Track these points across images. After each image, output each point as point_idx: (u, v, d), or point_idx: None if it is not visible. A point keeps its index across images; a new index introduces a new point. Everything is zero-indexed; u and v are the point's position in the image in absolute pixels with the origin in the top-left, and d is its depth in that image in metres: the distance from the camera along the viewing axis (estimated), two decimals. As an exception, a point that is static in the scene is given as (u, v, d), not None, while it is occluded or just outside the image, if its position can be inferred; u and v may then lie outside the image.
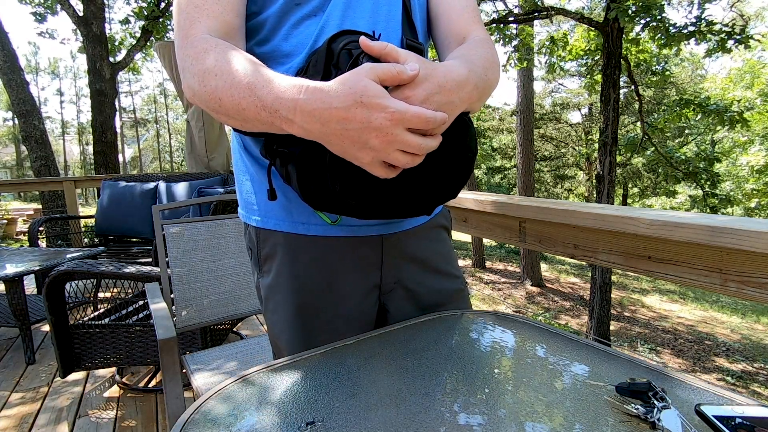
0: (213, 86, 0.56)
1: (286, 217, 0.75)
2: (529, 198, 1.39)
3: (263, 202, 0.76)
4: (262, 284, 0.80)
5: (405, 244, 0.80)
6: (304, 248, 0.75)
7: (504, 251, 17.35)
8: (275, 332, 0.79)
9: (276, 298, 0.77)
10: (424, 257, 0.82)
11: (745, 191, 15.24)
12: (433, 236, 0.85)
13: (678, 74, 18.81)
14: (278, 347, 0.80)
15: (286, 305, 0.76)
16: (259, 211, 0.77)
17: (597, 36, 8.27)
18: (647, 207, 4.80)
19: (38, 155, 6.17)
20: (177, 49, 0.64)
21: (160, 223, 1.44)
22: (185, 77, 0.61)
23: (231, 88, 0.55)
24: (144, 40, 7.67)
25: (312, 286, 0.75)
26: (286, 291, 0.76)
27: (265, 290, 0.79)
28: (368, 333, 0.71)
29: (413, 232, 0.81)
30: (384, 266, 0.79)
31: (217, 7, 0.64)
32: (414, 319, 0.77)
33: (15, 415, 1.96)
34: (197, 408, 0.51)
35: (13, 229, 11.13)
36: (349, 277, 0.76)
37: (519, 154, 12.26)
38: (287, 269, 0.75)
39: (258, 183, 0.77)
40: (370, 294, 0.79)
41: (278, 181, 0.73)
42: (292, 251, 0.75)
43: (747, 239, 0.78)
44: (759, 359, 8.18)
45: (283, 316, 0.77)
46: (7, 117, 35.28)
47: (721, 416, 0.45)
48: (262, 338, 1.58)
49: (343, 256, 0.75)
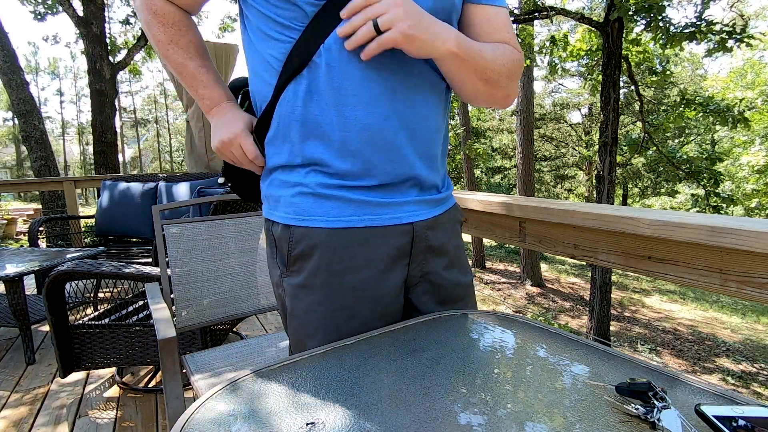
0: (167, 61, 0.83)
1: (323, 213, 0.74)
2: (529, 198, 1.39)
3: (297, 199, 0.75)
4: (288, 283, 0.78)
5: (429, 236, 0.80)
6: (343, 246, 0.74)
7: (504, 251, 17.35)
8: (304, 332, 0.77)
9: (309, 299, 0.76)
10: (447, 250, 0.84)
11: (745, 191, 15.23)
12: (453, 229, 0.87)
13: (678, 74, 18.81)
14: (303, 350, 0.76)
15: (322, 306, 0.75)
16: (292, 208, 0.76)
17: (597, 36, 8.27)
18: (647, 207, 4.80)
19: (38, 155, 6.17)
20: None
21: (160, 223, 1.44)
22: (144, 23, 0.82)
23: (180, 71, 0.83)
24: (144, 40, 7.67)
25: (352, 285, 0.75)
26: (323, 290, 0.75)
27: (292, 289, 0.78)
28: (368, 333, 0.71)
29: (436, 224, 0.82)
30: (411, 260, 0.79)
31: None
32: (414, 319, 0.77)
33: (15, 415, 1.96)
34: (197, 408, 0.51)
35: (13, 229, 11.13)
36: (386, 275, 0.77)
37: (519, 154, 12.25)
38: (325, 268, 0.75)
39: (290, 181, 0.76)
40: (401, 290, 0.80)
41: (313, 179, 0.74)
42: (331, 250, 0.74)
43: (747, 239, 0.78)
44: (759, 359, 8.18)
45: (317, 317, 0.76)
46: (7, 117, 35.29)
47: (721, 416, 0.45)
48: (262, 338, 1.58)
49: (378, 251, 0.75)
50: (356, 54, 0.68)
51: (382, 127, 0.71)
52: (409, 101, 0.73)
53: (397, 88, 0.72)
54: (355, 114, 0.70)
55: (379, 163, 0.73)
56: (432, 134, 0.78)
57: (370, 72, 0.70)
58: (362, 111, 0.70)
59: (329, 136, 0.72)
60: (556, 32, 9.24)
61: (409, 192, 0.78)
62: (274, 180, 0.79)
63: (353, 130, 0.71)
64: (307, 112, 0.72)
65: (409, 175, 0.76)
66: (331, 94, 0.70)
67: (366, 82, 0.70)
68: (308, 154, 0.74)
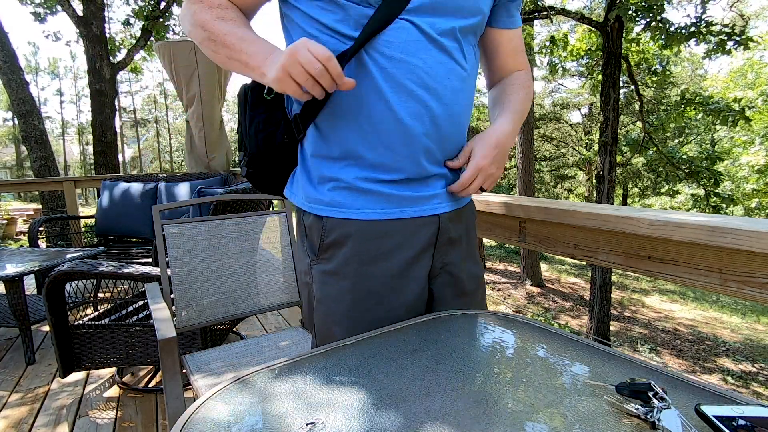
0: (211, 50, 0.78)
1: (359, 206, 0.77)
2: (529, 198, 1.39)
3: (334, 193, 0.78)
4: (318, 270, 0.80)
5: (451, 228, 0.84)
6: (376, 236, 0.77)
7: (504, 251, 17.34)
8: (331, 319, 0.79)
9: (339, 285, 0.78)
10: (463, 242, 0.88)
11: (745, 191, 15.23)
12: (471, 222, 0.91)
13: (678, 74, 18.81)
14: (329, 336, 0.80)
15: (350, 293, 0.78)
16: (328, 201, 0.79)
17: (597, 36, 8.27)
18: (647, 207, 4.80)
19: (38, 155, 6.17)
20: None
21: (160, 223, 1.44)
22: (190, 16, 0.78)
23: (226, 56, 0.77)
24: (144, 40, 7.67)
25: (382, 273, 0.78)
26: (354, 278, 0.77)
27: (322, 276, 0.80)
28: (368, 333, 0.71)
29: (457, 217, 0.85)
30: (436, 250, 0.82)
31: None
32: (414, 319, 0.77)
33: (15, 415, 1.96)
34: (197, 408, 0.51)
35: (13, 229, 11.13)
36: (415, 264, 0.80)
37: (519, 154, 12.25)
38: (357, 257, 0.77)
39: (327, 175, 0.79)
40: (426, 280, 0.83)
41: (350, 173, 0.77)
42: (364, 240, 0.77)
43: (747, 239, 0.78)
44: (759, 359, 8.17)
45: (345, 304, 0.78)
46: (7, 117, 35.28)
47: (721, 416, 0.45)
48: (262, 338, 1.58)
49: (408, 241, 0.79)
50: (407, 55, 0.73)
51: (418, 125, 0.76)
52: (449, 102, 0.77)
53: (442, 91, 0.76)
54: (397, 108, 0.74)
55: (411, 157, 0.77)
56: (462, 133, 0.83)
57: (419, 72, 0.74)
58: (404, 106, 0.74)
59: (370, 128, 0.75)
60: (556, 32, 9.24)
61: (436, 184, 0.82)
62: (310, 172, 0.81)
63: (392, 124, 0.74)
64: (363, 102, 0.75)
65: (437, 170, 0.81)
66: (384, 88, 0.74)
67: (412, 81, 0.73)
68: (346, 145, 0.76)
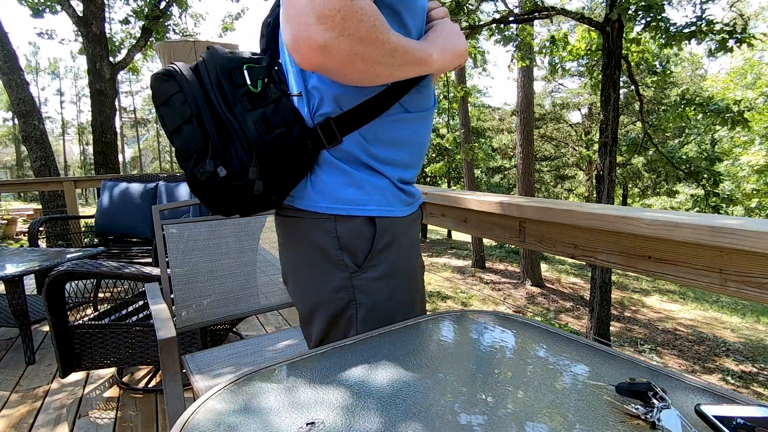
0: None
1: (401, 202, 0.81)
2: (529, 198, 1.39)
3: (386, 192, 0.79)
4: (364, 279, 0.76)
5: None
6: (409, 230, 0.83)
7: (504, 251, 17.35)
8: (387, 321, 0.78)
9: (391, 286, 0.79)
10: None
11: (745, 191, 15.23)
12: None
13: (678, 74, 18.81)
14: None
15: (401, 290, 0.81)
16: (383, 200, 0.78)
17: (597, 36, 8.27)
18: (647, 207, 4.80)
19: (38, 155, 6.16)
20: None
21: (160, 223, 1.44)
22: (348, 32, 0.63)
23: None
24: (144, 40, 7.67)
25: (415, 261, 0.85)
26: (403, 275, 0.81)
27: (370, 283, 0.77)
28: (368, 333, 0.71)
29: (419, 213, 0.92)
30: None
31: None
32: (414, 319, 0.77)
33: (15, 415, 1.96)
34: (197, 408, 0.51)
35: (13, 229, 11.13)
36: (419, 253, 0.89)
37: (519, 154, 12.26)
38: (404, 254, 0.81)
39: (374, 179, 0.78)
40: None
41: (394, 172, 0.80)
42: (407, 235, 0.82)
43: (747, 239, 0.78)
44: (759, 359, 8.17)
45: (399, 302, 0.80)
46: (7, 117, 35.27)
47: (721, 416, 0.45)
48: (262, 338, 1.58)
49: (415, 231, 0.87)
50: None
51: (427, 140, 0.88)
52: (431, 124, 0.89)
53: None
54: (424, 130, 0.85)
55: (422, 159, 0.88)
56: None
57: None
58: (426, 130, 0.85)
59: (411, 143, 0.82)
60: (556, 32, 9.24)
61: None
62: (351, 174, 0.77)
63: (423, 142, 0.85)
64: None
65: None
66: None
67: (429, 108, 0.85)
68: (396, 150, 0.80)
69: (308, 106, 0.76)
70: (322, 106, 0.75)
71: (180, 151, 0.74)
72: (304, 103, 0.77)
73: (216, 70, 0.74)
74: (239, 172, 0.72)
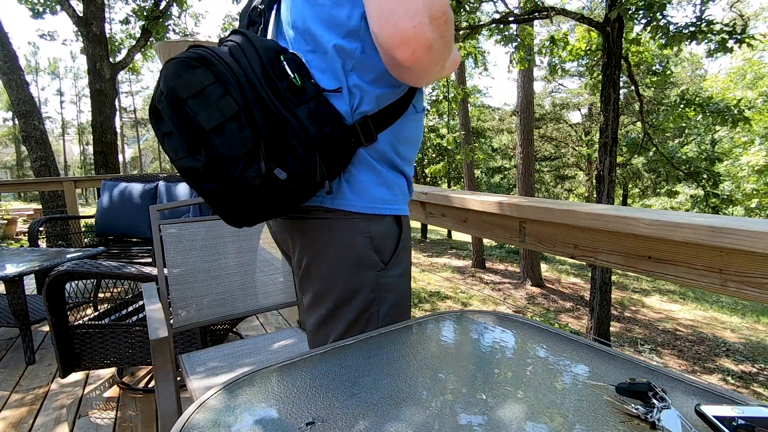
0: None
1: (407, 200, 0.85)
2: (529, 198, 1.39)
3: (408, 191, 0.85)
4: (390, 276, 0.80)
5: None
6: (409, 226, 0.87)
7: (504, 251, 17.34)
8: (402, 316, 0.83)
9: (404, 282, 0.83)
10: None
11: (745, 191, 15.23)
12: None
13: (678, 74, 18.81)
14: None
15: (408, 284, 0.85)
16: (407, 200, 0.85)
17: (597, 36, 8.27)
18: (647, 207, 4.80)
19: (38, 155, 6.17)
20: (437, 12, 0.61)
21: (158, 223, 1.44)
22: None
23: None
24: (144, 40, 7.67)
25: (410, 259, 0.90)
26: (409, 270, 0.86)
27: (393, 280, 0.80)
28: (368, 333, 0.71)
29: None
30: None
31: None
32: (414, 319, 0.77)
33: (15, 415, 1.95)
34: (197, 408, 0.51)
35: (13, 229, 11.13)
36: None
37: (519, 154, 12.25)
38: (410, 249, 0.86)
39: (399, 178, 0.83)
40: None
41: (410, 171, 0.85)
42: (409, 231, 0.87)
43: (747, 239, 0.77)
44: (759, 359, 8.17)
45: (408, 296, 0.85)
46: (7, 117, 35.27)
47: (721, 416, 0.45)
48: (261, 338, 1.58)
49: None
50: None
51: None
52: None
53: None
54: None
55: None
56: None
57: None
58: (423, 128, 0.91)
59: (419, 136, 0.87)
60: (555, 32, 9.24)
61: None
62: (383, 174, 0.78)
63: (421, 140, 0.90)
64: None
65: None
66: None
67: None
68: (412, 150, 0.84)
69: (349, 104, 0.73)
70: (363, 105, 0.73)
71: (221, 154, 0.62)
72: (343, 101, 0.73)
73: (259, 58, 0.66)
74: (298, 174, 0.66)
